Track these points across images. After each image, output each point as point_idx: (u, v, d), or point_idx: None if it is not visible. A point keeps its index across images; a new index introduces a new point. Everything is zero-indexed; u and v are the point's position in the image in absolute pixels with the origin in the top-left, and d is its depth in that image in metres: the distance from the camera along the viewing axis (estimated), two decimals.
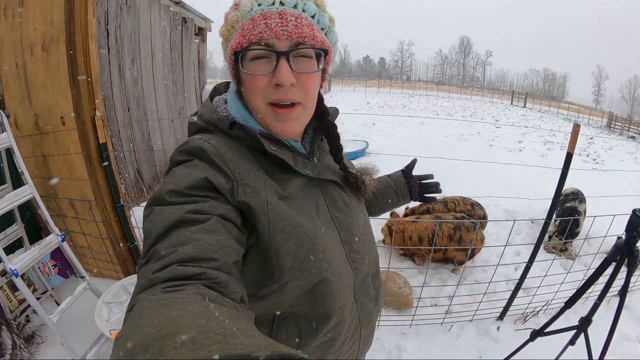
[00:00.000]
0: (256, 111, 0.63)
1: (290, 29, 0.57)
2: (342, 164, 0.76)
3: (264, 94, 0.61)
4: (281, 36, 0.57)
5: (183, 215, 0.49)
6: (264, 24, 0.57)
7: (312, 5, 0.62)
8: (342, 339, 0.69)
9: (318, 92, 0.68)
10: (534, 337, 1.64)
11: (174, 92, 4.73)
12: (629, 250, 1.26)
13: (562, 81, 62.75)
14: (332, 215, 0.69)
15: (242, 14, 0.60)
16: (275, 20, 0.57)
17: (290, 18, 0.58)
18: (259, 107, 0.62)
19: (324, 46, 0.62)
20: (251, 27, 0.58)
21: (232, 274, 0.48)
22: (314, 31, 0.60)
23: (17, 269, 1.65)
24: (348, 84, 35.14)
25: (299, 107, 0.63)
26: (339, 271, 0.66)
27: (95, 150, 2.04)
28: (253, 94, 0.61)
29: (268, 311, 0.63)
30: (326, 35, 0.66)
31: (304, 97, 0.63)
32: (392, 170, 1.05)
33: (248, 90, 0.62)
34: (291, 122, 0.64)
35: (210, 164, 0.58)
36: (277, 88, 0.59)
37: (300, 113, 0.64)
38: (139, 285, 0.43)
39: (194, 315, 0.32)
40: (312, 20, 0.62)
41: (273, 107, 0.62)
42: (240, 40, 0.59)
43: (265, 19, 0.57)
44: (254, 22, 0.58)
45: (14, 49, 2.06)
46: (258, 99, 0.61)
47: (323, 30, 0.64)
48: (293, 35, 0.58)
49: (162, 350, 0.26)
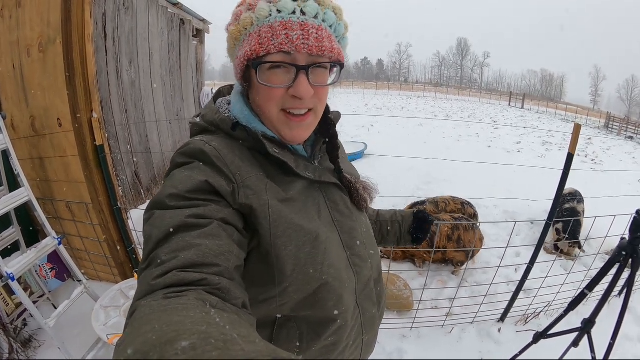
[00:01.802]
0: (268, 117, 0.62)
1: (311, 42, 0.56)
2: (337, 164, 0.74)
3: (278, 102, 0.60)
4: (302, 50, 0.56)
5: (184, 219, 0.49)
6: (285, 34, 0.55)
7: (331, 14, 0.60)
8: (343, 344, 0.68)
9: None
10: (537, 340, 1.63)
11: (171, 94, 4.71)
12: (633, 251, 1.25)
13: (559, 82, 63.05)
14: (334, 218, 0.68)
15: (259, 18, 0.57)
16: (297, 33, 0.55)
17: (312, 30, 0.56)
18: (271, 114, 0.61)
19: (340, 59, 0.61)
20: (270, 36, 0.55)
21: (234, 279, 0.47)
22: (332, 43, 0.59)
23: (13, 273, 1.64)
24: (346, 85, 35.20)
25: (311, 115, 0.63)
26: (341, 275, 0.65)
27: (92, 152, 2.02)
28: (267, 101, 0.60)
29: (269, 314, 0.63)
30: (339, 42, 0.65)
31: (317, 104, 0.63)
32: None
33: (262, 97, 0.61)
34: (303, 129, 0.63)
35: (211, 167, 0.57)
36: (293, 98, 0.59)
37: (312, 120, 0.64)
38: (139, 291, 0.43)
39: (195, 321, 0.32)
40: (330, 31, 0.60)
41: (286, 114, 0.61)
42: (257, 49, 0.56)
43: (286, 29, 0.55)
44: (273, 31, 0.55)
45: (10, 50, 2.05)
46: (272, 106, 0.60)
47: (337, 39, 0.63)
48: (314, 49, 0.56)
49: (163, 357, 0.26)
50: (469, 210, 3.25)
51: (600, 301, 1.39)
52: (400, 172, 5.18)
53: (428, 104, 22.63)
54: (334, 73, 0.64)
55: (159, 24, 4.25)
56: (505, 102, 29.75)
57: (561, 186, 1.87)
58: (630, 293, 1.33)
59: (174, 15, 4.61)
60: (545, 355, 1.78)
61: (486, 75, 70.19)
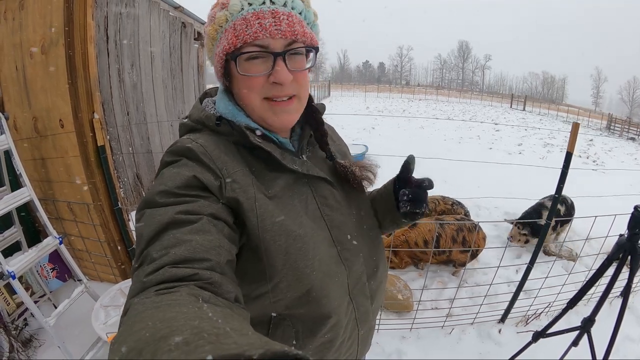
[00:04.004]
0: (251, 107, 0.63)
1: (283, 27, 0.58)
2: (328, 150, 0.74)
3: (260, 91, 0.61)
4: (276, 35, 0.58)
5: (173, 216, 0.50)
6: (258, 23, 0.57)
7: (299, 2, 0.62)
8: (340, 340, 0.68)
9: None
10: (536, 339, 1.63)
11: (173, 97, 4.74)
12: (632, 248, 1.25)
13: (561, 84, 63.04)
14: (323, 213, 0.68)
15: (232, 13, 0.60)
16: (269, 20, 0.58)
17: (283, 17, 0.59)
18: (254, 103, 0.63)
19: (313, 43, 0.63)
20: (244, 27, 0.58)
21: (226, 274, 0.48)
22: (304, 28, 0.61)
23: (14, 271, 1.65)
24: (348, 89, 35.30)
25: (295, 100, 0.64)
26: (332, 270, 0.65)
27: (93, 153, 2.04)
28: (249, 91, 0.62)
29: (263, 312, 0.63)
30: (311, 28, 0.66)
31: (299, 89, 0.64)
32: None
33: (242, 88, 0.62)
34: (288, 114, 0.64)
35: (198, 162, 0.58)
36: (274, 85, 0.60)
37: (296, 105, 0.65)
38: (132, 289, 0.43)
39: (188, 316, 0.32)
40: (300, 17, 0.62)
41: (269, 101, 0.62)
42: (234, 41, 0.58)
43: (258, 18, 0.58)
44: (247, 22, 0.58)
45: (13, 52, 2.07)
46: (254, 96, 0.62)
47: (309, 25, 0.65)
48: (287, 33, 0.58)
49: (156, 353, 0.26)
50: (459, 210, 3.22)
51: (600, 300, 1.39)
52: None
53: (430, 107, 22.64)
54: (310, 59, 0.66)
55: (161, 27, 4.28)
56: (506, 104, 29.77)
57: (560, 184, 1.87)
58: (629, 291, 1.32)
59: (176, 18, 4.65)
60: (545, 355, 1.77)
61: (487, 77, 70.33)
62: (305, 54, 0.64)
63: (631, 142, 14.87)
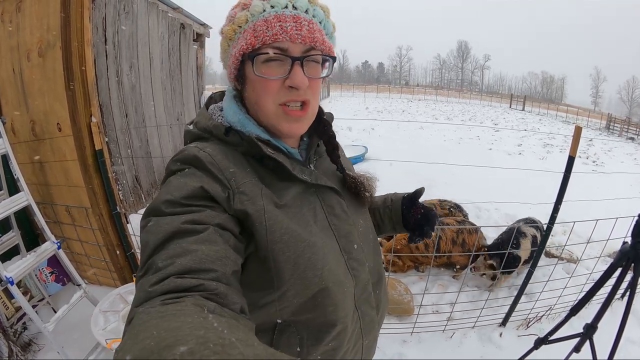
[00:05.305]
0: (265, 112, 0.63)
1: (304, 33, 0.58)
2: (339, 164, 0.75)
3: (275, 96, 0.61)
4: (296, 39, 0.58)
5: (179, 225, 0.49)
6: (279, 26, 0.57)
7: (320, 11, 0.63)
8: (344, 349, 0.68)
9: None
10: (538, 345, 1.62)
11: (172, 98, 4.72)
12: (635, 256, 1.24)
13: (560, 84, 63.12)
14: (330, 222, 0.68)
15: (253, 14, 0.60)
16: (290, 24, 0.58)
17: (304, 23, 0.59)
18: (268, 108, 0.62)
19: (331, 53, 0.63)
20: (265, 29, 0.58)
21: (231, 285, 0.47)
22: (323, 37, 0.62)
23: (13, 277, 1.63)
24: (347, 89, 35.30)
25: (308, 110, 0.64)
26: (339, 279, 0.65)
27: (91, 156, 2.02)
28: (264, 95, 0.61)
29: (269, 320, 0.62)
30: (329, 39, 0.67)
31: (311, 98, 0.64)
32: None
33: (258, 92, 0.62)
34: (300, 124, 0.64)
35: (206, 173, 0.57)
36: (289, 90, 0.60)
37: (309, 116, 0.65)
38: (137, 297, 0.43)
39: (193, 326, 0.32)
40: (320, 26, 0.63)
41: (284, 108, 0.62)
42: (252, 41, 0.58)
43: (280, 21, 0.58)
44: (267, 24, 0.58)
45: (10, 55, 2.06)
46: (269, 100, 0.61)
47: (327, 36, 0.65)
48: (307, 39, 0.59)
49: None
50: (457, 214, 3.21)
51: (602, 306, 1.38)
52: (400, 176, 5.15)
53: (429, 107, 22.65)
54: (326, 68, 0.66)
55: (159, 28, 4.27)
56: (506, 104, 29.79)
57: (562, 189, 1.86)
58: (633, 298, 1.31)
59: (174, 19, 4.63)
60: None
61: (487, 77, 70.36)
62: (322, 63, 0.64)
63: (630, 141, 14.89)
